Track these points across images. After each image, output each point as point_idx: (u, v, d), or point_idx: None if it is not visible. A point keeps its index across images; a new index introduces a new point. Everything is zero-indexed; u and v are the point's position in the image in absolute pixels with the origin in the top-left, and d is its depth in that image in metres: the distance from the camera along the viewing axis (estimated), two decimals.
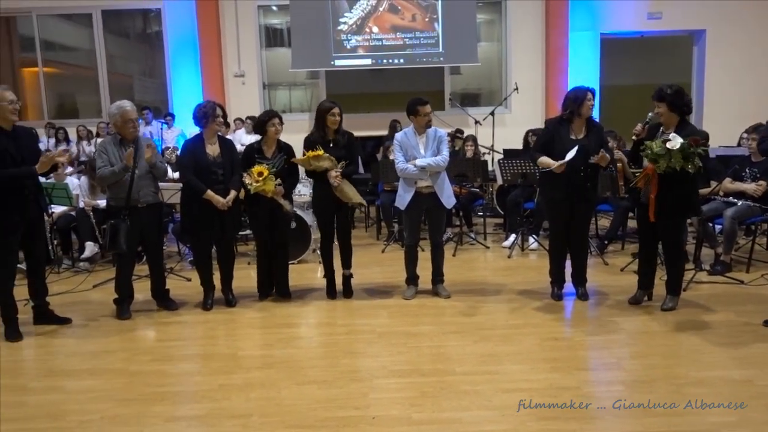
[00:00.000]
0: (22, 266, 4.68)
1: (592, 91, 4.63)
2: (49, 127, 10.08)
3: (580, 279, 4.91)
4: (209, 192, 4.70)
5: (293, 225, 5.59)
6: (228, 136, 9.01)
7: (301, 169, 5.09)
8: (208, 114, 4.75)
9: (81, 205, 6.50)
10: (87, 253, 6.38)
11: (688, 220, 5.86)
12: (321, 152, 4.73)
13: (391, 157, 5.96)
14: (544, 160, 4.66)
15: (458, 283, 5.39)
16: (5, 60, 11.73)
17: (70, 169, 7.09)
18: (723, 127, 9.29)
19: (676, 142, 4.13)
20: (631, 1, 10.55)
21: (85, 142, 9.85)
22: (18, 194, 4.26)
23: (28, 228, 4.40)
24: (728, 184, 5.66)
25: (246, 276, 5.74)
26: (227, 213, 4.79)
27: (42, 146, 9.49)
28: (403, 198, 4.90)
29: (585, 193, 4.66)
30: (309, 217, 6.30)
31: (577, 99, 4.60)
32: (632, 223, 6.92)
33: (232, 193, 4.78)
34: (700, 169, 4.22)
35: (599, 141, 4.63)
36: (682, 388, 3.29)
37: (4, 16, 11.29)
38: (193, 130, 6.33)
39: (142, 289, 5.09)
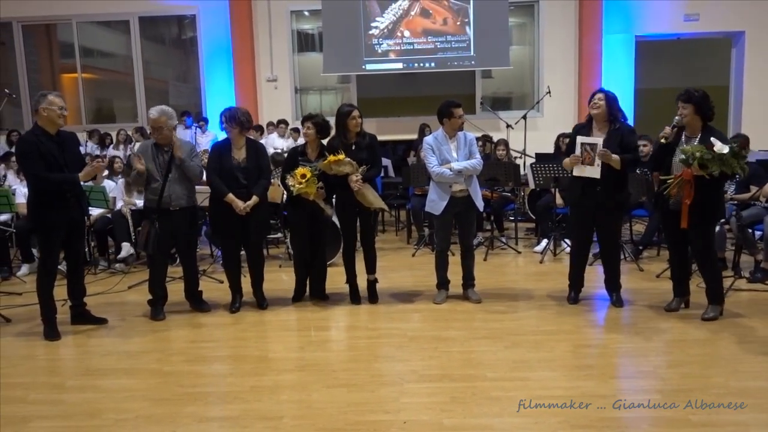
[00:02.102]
0: (62, 267, 4.79)
1: (602, 91, 4.62)
2: (95, 133, 10.32)
3: (613, 285, 4.83)
4: (230, 195, 4.75)
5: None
6: (262, 140, 9.16)
7: None
8: (221, 121, 4.87)
9: (118, 207, 6.64)
10: (123, 254, 6.51)
11: (727, 226, 5.72)
12: (342, 156, 4.72)
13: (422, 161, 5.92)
14: (566, 160, 4.72)
15: (489, 287, 5.35)
16: (46, 66, 12.07)
17: (106, 172, 7.27)
18: (763, 130, 9.06)
19: (720, 145, 4.06)
20: (667, 2, 10.36)
21: (122, 146, 10.06)
22: (60, 197, 4.37)
23: (69, 230, 4.51)
24: None
25: (277, 279, 5.78)
26: (250, 216, 4.82)
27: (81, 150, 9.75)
28: (438, 204, 4.87)
29: (606, 197, 4.57)
30: None
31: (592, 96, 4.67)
32: None
33: (253, 198, 4.79)
34: (746, 172, 4.21)
35: (619, 142, 4.52)
36: (720, 398, 3.20)
37: (45, 23, 11.62)
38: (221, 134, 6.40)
39: (176, 291, 5.16)
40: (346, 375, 3.68)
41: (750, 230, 5.63)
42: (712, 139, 4.12)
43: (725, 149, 4.03)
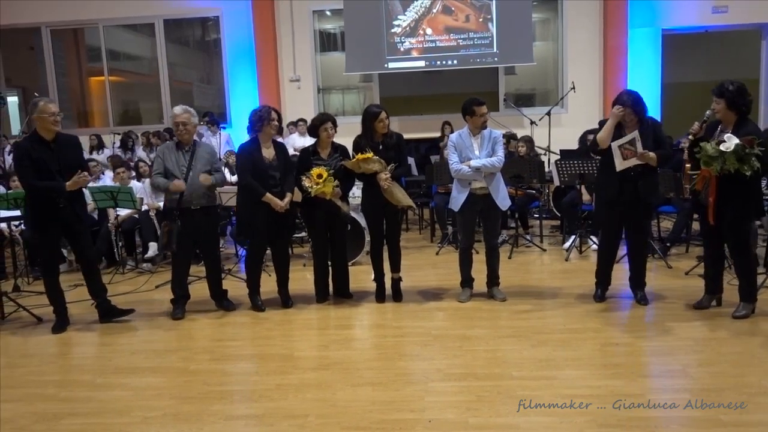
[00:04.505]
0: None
1: (625, 101, 4.49)
2: (125, 134, 10.46)
3: (638, 283, 4.76)
4: (268, 195, 4.77)
5: (348, 227, 5.62)
6: (282, 140, 9.18)
7: None
8: (263, 118, 4.80)
9: (144, 207, 6.74)
10: (150, 253, 6.61)
11: (758, 222, 5.60)
12: (370, 155, 4.72)
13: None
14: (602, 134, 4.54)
15: (514, 286, 5.31)
16: (74, 70, 12.28)
17: (133, 173, 7.38)
18: None
19: (730, 143, 3.96)
20: None
21: (147, 149, 10.16)
22: (51, 203, 4.47)
23: (67, 234, 4.65)
24: None
25: (301, 278, 5.81)
26: (282, 215, 4.85)
27: (108, 152, 9.91)
28: (457, 199, 4.86)
29: (642, 193, 4.51)
30: (363, 219, 6.31)
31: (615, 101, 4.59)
32: (697, 225, 6.66)
33: (288, 196, 4.84)
34: (758, 171, 4.02)
35: (653, 138, 4.46)
36: (753, 398, 3.13)
37: (73, 28, 11.84)
38: (243, 135, 6.41)
39: (202, 290, 5.22)
40: (371, 373, 3.68)
41: None
42: (726, 136, 4.04)
43: (731, 148, 3.94)
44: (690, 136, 4.38)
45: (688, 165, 4.77)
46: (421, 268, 6.17)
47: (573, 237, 6.61)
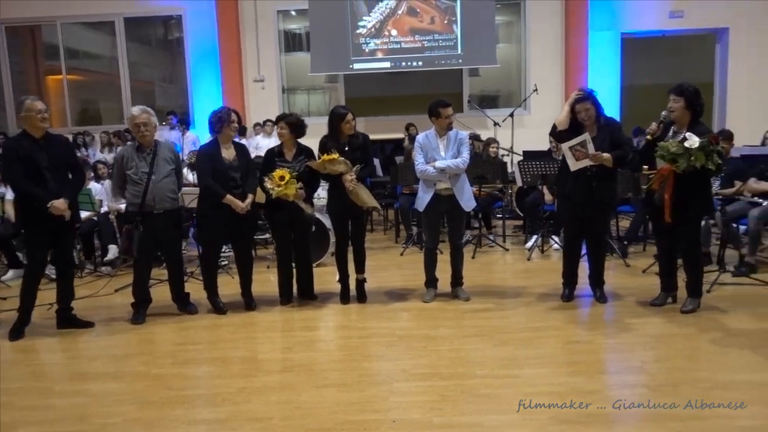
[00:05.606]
0: (51, 272, 4.75)
1: (588, 98, 4.53)
2: (76, 134, 10.23)
3: (597, 281, 4.86)
4: (229, 196, 4.72)
5: (313, 228, 5.60)
6: (245, 141, 9.11)
7: None
8: (223, 119, 4.76)
9: (104, 209, 6.59)
10: (110, 256, 6.48)
11: (712, 221, 5.77)
12: (336, 156, 4.72)
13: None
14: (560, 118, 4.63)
15: (477, 285, 5.36)
16: (30, 68, 11.96)
17: (91, 175, 7.21)
18: (747, 126, 9.15)
19: (693, 140, 4.08)
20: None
21: (107, 149, 9.97)
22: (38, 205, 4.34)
23: (55, 234, 4.49)
24: (753, 184, 5.55)
25: (265, 280, 5.77)
26: (243, 216, 4.81)
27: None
28: (422, 199, 4.89)
29: (596, 193, 4.59)
30: (328, 221, 6.30)
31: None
32: None
33: (250, 197, 4.80)
34: (720, 167, 4.19)
35: (609, 140, 4.54)
36: (708, 392, 3.23)
37: (29, 25, 11.52)
38: (206, 135, 6.36)
39: (164, 292, 5.14)
40: (335, 375, 3.67)
41: (734, 225, 5.69)
42: (687, 134, 4.16)
43: (695, 144, 4.06)
44: (648, 136, 4.49)
45: (645, 166, 4.91)
46: (385, 269, 6.19)
47: (535, 237, 6.71)
